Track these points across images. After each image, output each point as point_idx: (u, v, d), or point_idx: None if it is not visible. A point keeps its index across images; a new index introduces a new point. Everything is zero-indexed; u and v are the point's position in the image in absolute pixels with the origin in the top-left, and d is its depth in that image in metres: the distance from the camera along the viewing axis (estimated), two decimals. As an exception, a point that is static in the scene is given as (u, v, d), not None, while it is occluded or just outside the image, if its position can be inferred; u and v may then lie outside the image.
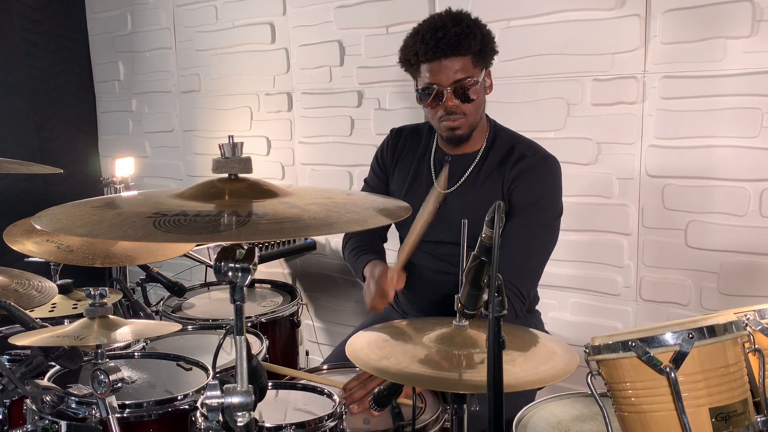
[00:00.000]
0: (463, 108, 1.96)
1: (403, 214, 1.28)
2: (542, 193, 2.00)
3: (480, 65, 1.96)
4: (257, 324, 2.30)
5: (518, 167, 1.99)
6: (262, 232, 1.05)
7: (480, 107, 2.01)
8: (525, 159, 2.00)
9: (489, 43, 1.96)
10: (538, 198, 1.99)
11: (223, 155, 1.21)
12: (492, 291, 1.17)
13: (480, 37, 1.92)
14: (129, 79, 4.02)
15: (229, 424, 1.14)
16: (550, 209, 2.02)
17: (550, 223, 2.03)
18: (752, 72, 2.16)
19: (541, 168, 2.01)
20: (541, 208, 1.99)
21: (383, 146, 2.25)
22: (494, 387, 1.14)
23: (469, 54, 1.92)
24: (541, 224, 2.00)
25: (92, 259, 2.06)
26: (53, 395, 1.59)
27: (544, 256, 2.04)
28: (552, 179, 2.03)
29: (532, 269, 2.02)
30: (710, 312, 1.33)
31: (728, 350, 1.17)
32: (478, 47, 1.92)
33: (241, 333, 1.14)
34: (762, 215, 2.20)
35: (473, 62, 1.93)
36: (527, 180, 1.99)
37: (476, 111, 1.99)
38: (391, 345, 1.51)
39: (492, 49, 1.98)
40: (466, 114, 1.97)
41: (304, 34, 3.20)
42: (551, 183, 2.03)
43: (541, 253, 2.03)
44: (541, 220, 2.00)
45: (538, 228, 2.00)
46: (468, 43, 1.90)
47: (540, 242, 2.02)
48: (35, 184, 3.89)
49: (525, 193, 1.98)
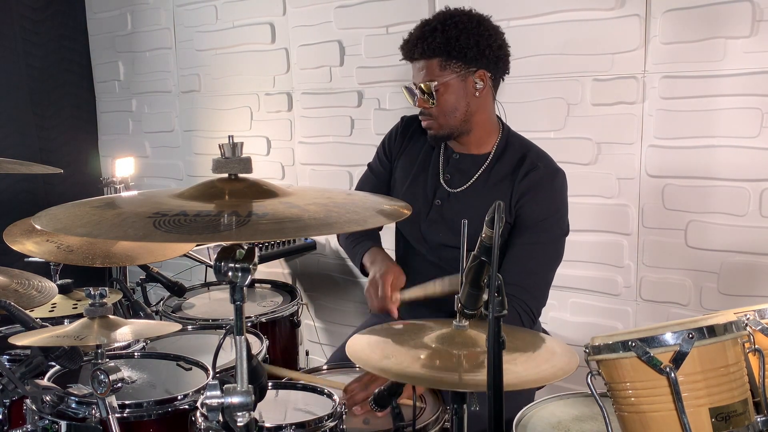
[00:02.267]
0: (431, 110, 1.96)
1: (402, 215, 1.28)
2: (551, 210, 1.98)
3: (454, 67, 1.90)
4: (257, 324, 2.30)
5: (528, 179, 1.96)
6: (262, 232, 1.05)
7: (455, 109, 1.94)
8: (536, 170, 1.96)
9: (460, 44, 1.88)
10: (547, 215, 1.97)
11: (223, 155, 1.21)
12: (492, 291, 1.17)
13: (443, 39, 1.87)
14: (129, 79, 4.02)
15: (229, 424, 1.14)
16: (558, 226, 2.00)
17: (558, 239, 2.01)
18: (752, 72, 2.16)
19: (551, 182, 1.98)
20: (550, 225, 1.97)
21: (392, 133, 2.23)
22: (494, 387, 1.14)
23: (434, 56, 1.90)
24: (549, 240, 1.98)
25: (92, 259, 2.06)
26: (53, 395, 1.59)
27: (552, 272, 2.02)
28: (560, 195, 2.01)
29: (542, 285, 2.00)
30: (710, 312, 1.34)
31: (728, 350, 1.17)
32: (442, 48, 1.88)
33: (241, 333, 1.14)
34: (762, 215, 2.20)
35: (441, 64, 1.91)
36: (537, 195, 1.96)
37: (448, 113, 1.95)
38: (391, 345, 1.51)
39: (467, 49, 1.88)
40: (432, 115, 1.97)
41: (304, 34, 3.20)
42: (560, 199, 2.01)
43: (551, 269, 2.01)
44: (549, 236, 1.98)
45: (548, 244, 1.98)
46: (424, 47, 1.89)
47: (549, 258, 2.00)
48: (35, 184, 3.89)
49: (534, 209, 1.96)
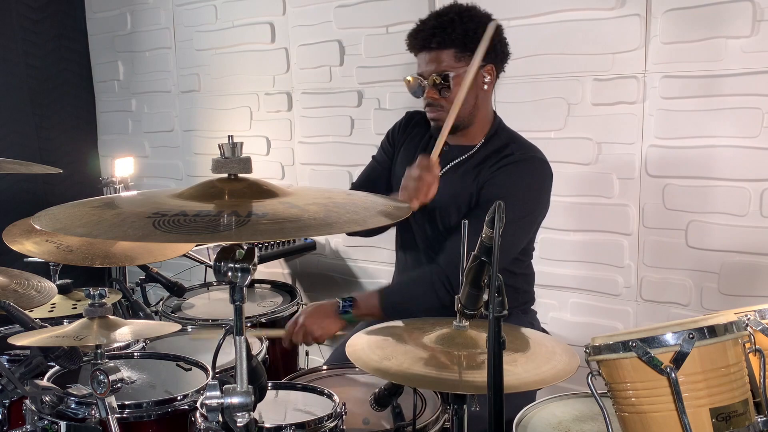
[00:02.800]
0: (441, 101, 1.95)
1: (402, 215, 1.28)
2: (508, 191, 1.89)
3: (467, 59, 1.90)
4: (257, 324, 2.30)
5: (499, 163, 1.96)
6: (261, 232, 1.05)
7: (465, 101, 1.91)
8: (510, 156, 1.96)
9: (478, 37, 1.87)
10: (504, 195, 1.78)
11: (223, 155, 1.21)
12: (492, 291, 1.17)
13: (462, 31, 1.88)
14: (129, 78, 4.02)
15: (228, 424, 1.14)
16: (513, 209, 1.74)
17: (515, 219, 1.82)
18: (752, 72, 2.16)
19: (517, 166, 1.95)
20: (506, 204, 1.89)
21: (397, 125, 2.24)
22: (494, 387, 1.14)
23: (450, 47, 1.90)
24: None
25: (92, 259, 2.06)
26: (53, 395, 1.59)
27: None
28: (526, 180, 1.96)
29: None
30: (711, 312, 1.34)
31: (729, 350, 1.17)
32: (460, 40, 1.89)
33: (240, 333, 1.14)
34: (762, 215, 2.20)
35: (456, 56, 1.91)
36: (497, 177, 1.94)
37: (457, 104, 1.91)
38: (391, 345, 1.51)
39: (480, 42, 1.87)
40: (443, 107, 1.95)
41: (304, 33, 3.20)
42: (523, 184, 1.95)
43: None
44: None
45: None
46: (443, 36, 1.89)
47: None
48: (35, 184, 3.89)
49: (491, 190, 1.93)
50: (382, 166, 2.24)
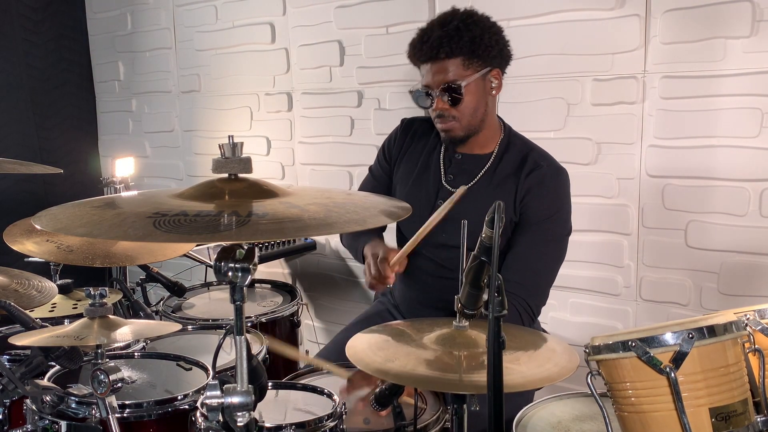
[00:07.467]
0: (453, 111, 1.93)
1: (403, 215, 1.27)
2: (555, 208, 1.97)
3: (475, 66, 1.91)
4: (257, 324, 2.30)
5: (533, 177, 1.96)
6: (262, 232, 1.05)
7: (477, 109, 1.95)
8: (539, 169, 1.97)
9: (484, 42, 1.89)
10: (551, 213, 1.96)
11: (223, 155, 1.21)
12: (492, 291, 1.17)
13: (469, 38, 1.87)
14: (129, 79, 4.02)
15: (229, 424, 1.14)
16: (561, 224, 1.99)
17: (561, 238, 2.00)
18: (752, 72, 2.16)
19: (554, 181, 1.98)
20: (553, 223, 1.97)
21: (392, 137, 2.22)
22: (494, 387, 1.14)
23: (458, 56, 1.89)
24: (552, 239, 1.98)
25: (92, 259, 2.06)
26: (53, 395, 1.59)
27: (554, 271, 2.01)
28: (564, 194, 2.01)
29: (543, 284, 1.99)
30: (710, 312, 1.34)
31: (728, 350, 1.17)
32: (467, 48, 1.88)
33: (241, 333, 1.14)
34: (762, 215, 2.20)
35: (464, 63, 1.90)
36: (541, 192, 1.96)
37: (471, 113, 1.94)
38: (391, 346, 1.50)
39: (490, 48, 1.91)
40: (456, 117, 1.94)
41: (304, 34, 3.20)
42: (564, 198, 2.00)
43: (553, 269, 2.00)
44: (552, 234, 1.97)
45: (550, 243, 1.98)
46: (451, 46, 1.87)
47: (551, 257, 1.99)
48: (35, 184, 3.89)
49: (538, 207, 1.96)
50: (379, 182, 2.22)
